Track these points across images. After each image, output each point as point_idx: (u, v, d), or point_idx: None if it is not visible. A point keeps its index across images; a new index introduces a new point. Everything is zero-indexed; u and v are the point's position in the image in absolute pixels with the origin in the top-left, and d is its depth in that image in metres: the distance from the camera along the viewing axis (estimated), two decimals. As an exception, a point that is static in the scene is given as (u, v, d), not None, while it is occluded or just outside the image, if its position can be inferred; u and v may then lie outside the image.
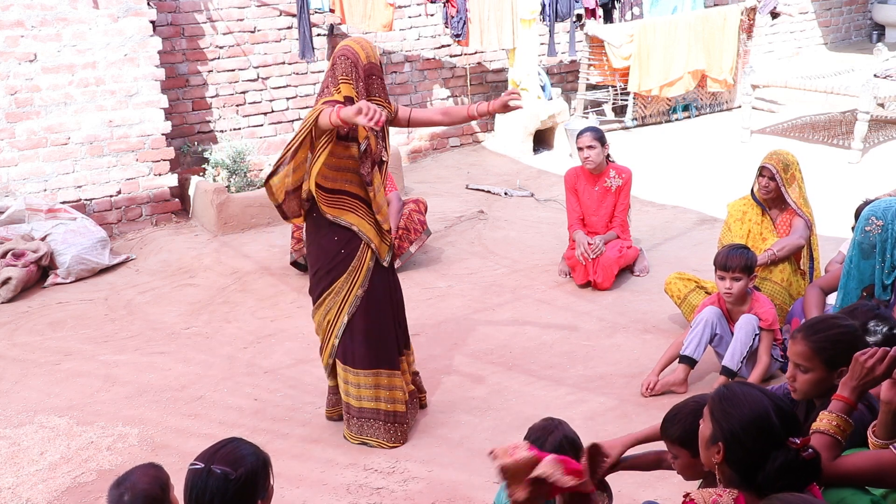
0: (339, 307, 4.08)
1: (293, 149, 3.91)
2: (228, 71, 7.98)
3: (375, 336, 4.11)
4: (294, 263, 6.29)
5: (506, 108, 4.13)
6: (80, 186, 6.98)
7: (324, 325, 4.15)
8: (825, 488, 2.62)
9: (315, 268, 4.12)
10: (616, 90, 9.67)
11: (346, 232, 4.01)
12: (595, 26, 9.36)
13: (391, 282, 4.21)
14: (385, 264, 4.13)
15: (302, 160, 3.95)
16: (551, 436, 3.06)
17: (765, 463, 2.26)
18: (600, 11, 9.59)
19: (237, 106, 8.11)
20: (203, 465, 2.51)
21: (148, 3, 7.02)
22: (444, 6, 8.46)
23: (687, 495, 2.33)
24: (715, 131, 9.63)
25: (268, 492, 2.63)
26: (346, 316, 4.08)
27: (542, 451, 2.98)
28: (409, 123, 4.31)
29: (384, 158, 4.10)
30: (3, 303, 6.01)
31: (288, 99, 8.37)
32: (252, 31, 8.04)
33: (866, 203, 4.46)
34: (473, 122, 9.53)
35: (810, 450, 2.29)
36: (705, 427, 2.41)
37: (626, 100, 9.67)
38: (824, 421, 2.67)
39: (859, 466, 2.63)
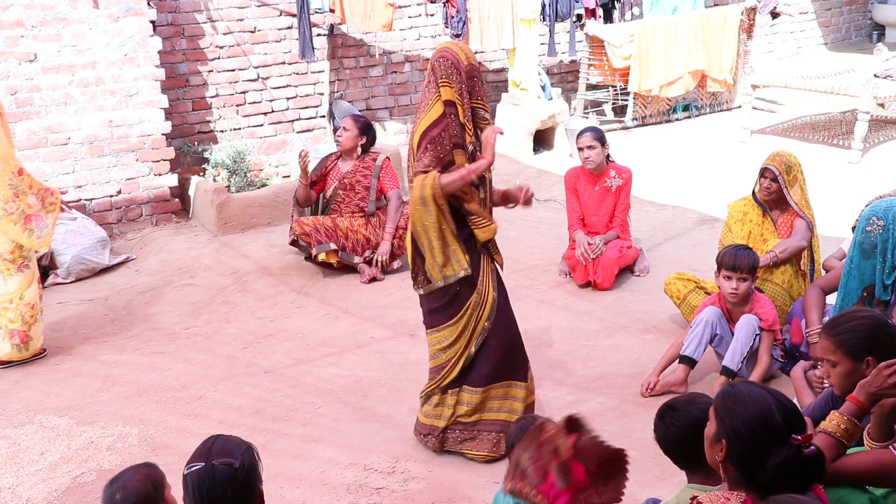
0: (467, 341, 3.91)
1: (433, 240, 3.81)
2: (228, 71, 7.98)
3: (505, 351, 3.99)
4: (294, 242, 6.32)
5: (506, 201, 4.10)
6: (80, 186, 6.98)
7: (442, 358, 3.97)
8: (824, 487, 2.62)
9: (433, 304, 3.94)
10: (616, 90, 9.67)
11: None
12: (595, 26, 9.36)
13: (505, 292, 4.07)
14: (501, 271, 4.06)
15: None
16: None
17: (766, 460, 2.26)
18: (600, 11, 9.58)
19: (237, 106, 8.11)
20: (204, 464, 2.51)
21: (148, 3, 7.02)
22: (444, 6, 8.46)
23: (694, 498, 2.33)
24: (715, 131, 9.63)
25: (260, 478, 2.65)
26: (473, 348, 3.92)
27: None
28: None
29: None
30: (3, 303, 6.00)
31: (288, 99, 8.38)
32: (252, 31, 8.04)
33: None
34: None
35: (812, 447, 2.29)
36: (710, 426, 2.42)
37: (626, 100, 9.67)
38: (833, 422, 2.68)
39: (859, 466, 2.64)
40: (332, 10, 8.14)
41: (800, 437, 2.27)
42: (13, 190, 4.92)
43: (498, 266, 4.08)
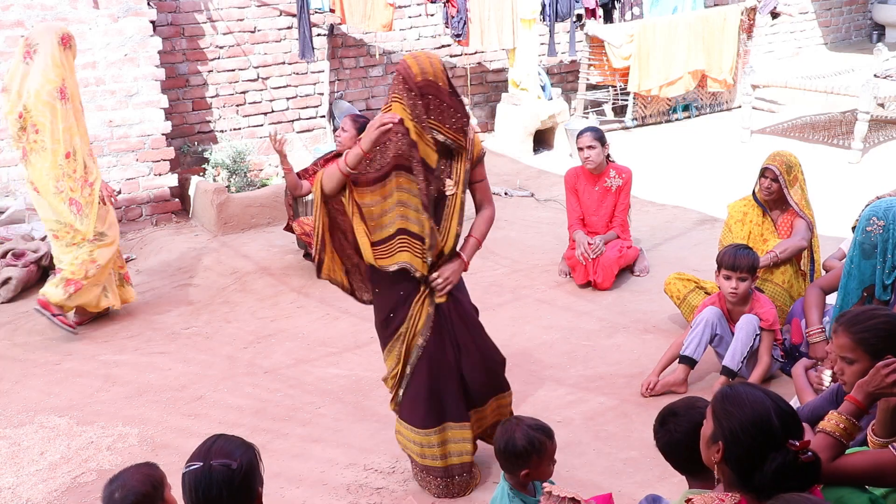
0: (403, 356, 3.69)
1: (320, 235, 3.66)
2: (228, 71, 7.98)
3: (437, 390, 3.69)
4: (288, 227, 6.35)
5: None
6: (80, 186, 6.97)
7: (391, 375, 3.78)
8: (824, 487, 2.62)
9: (380, 317, 3.74)
10: (616, 90, 9.67)
11: (402, 273, 3.60)
12: (595, 26, 9.36)
13: (454, 324, 3.72)
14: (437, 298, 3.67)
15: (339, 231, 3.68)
16: (517, 433, 3.09)
17: (763, 464, 2.26)
18: (600, 11, 9.59)
19: (237, 106, 8.11)
20: (202, 464, 2.52)
21: (148, 3, 7.02)
22: (445, 6, 8.46)
23: (689, 501, 2.33)
24: (715, 131, 9.63)
25: (261, 480, 2.64)
26: (408, 368, 3.69)
27: (516, 447, 3.06)
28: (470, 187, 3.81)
29: (447, 192, 3.63)
30: (3, 303, 6.00)
31: (288, 99, 8.37)
32: (252, 31, 8.04)
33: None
34: (474, 121, 9.53)
35: (809, 453, 2.28)
36: (707, 426, 2.42)
37: (626, 100, 9.67)
38: (831, 422, 2.67)
39: (858, 466, 2.64)
40: (332, 10, 8.14)
41: (797, 444, 2.27)
42: (62, 170, 5.22)
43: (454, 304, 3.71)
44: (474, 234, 3.86)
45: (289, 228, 6.34)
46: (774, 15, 10.31)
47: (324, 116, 8.59)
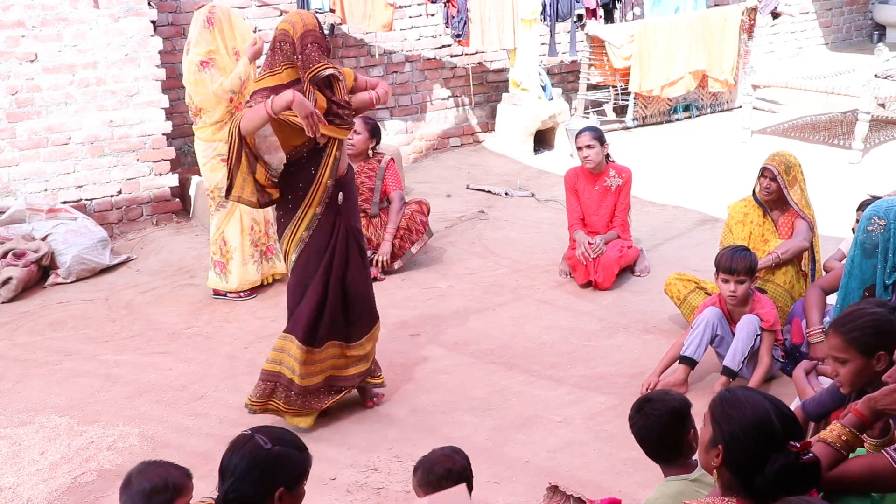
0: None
1: (233, 161, 4.24)
2: (229, 71, 7.97)
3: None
4: None
5: None
6: (80, 186, 6.98)
7: None
8: (825, 496, 2.61)
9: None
10: (617, 90, 9.67)
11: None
12: (596, 26, 9.36)
13: (343, 242, 4.28)
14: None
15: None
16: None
17: (763, 466, 2.26)
18: (601, 11, 9.58)
19: (238, 106, 8.10)
20: (250, 432, 2.58)
21: (149, 3, 7.02)
22: (445, 6, 8.46)
23: None
24: (715, 131, 9.63)
25: (297, 491, 2.58)
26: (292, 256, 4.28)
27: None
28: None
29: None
30: (3, 303, 6.01)
31: (288, 99, 8.36)
32: (252, 32, 8.02)
33: (874, 199, 4.48)
34: (474, 122, 9.54)
35: (810, 454, 2.28)
36: (706, 430, 2.41)
37: (627, 100, 9.67)
38: (834, 433, 2.65)
39: (853, 473, 2.62)
40: (332, 10, 8.14)
41: (798, 445, 2.27)
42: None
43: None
44: None
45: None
46: (775, 15, 10.31)
47: (324, 116, 8.58)
